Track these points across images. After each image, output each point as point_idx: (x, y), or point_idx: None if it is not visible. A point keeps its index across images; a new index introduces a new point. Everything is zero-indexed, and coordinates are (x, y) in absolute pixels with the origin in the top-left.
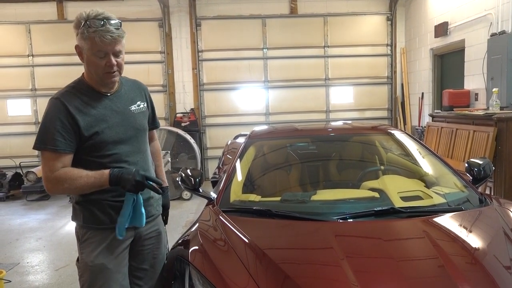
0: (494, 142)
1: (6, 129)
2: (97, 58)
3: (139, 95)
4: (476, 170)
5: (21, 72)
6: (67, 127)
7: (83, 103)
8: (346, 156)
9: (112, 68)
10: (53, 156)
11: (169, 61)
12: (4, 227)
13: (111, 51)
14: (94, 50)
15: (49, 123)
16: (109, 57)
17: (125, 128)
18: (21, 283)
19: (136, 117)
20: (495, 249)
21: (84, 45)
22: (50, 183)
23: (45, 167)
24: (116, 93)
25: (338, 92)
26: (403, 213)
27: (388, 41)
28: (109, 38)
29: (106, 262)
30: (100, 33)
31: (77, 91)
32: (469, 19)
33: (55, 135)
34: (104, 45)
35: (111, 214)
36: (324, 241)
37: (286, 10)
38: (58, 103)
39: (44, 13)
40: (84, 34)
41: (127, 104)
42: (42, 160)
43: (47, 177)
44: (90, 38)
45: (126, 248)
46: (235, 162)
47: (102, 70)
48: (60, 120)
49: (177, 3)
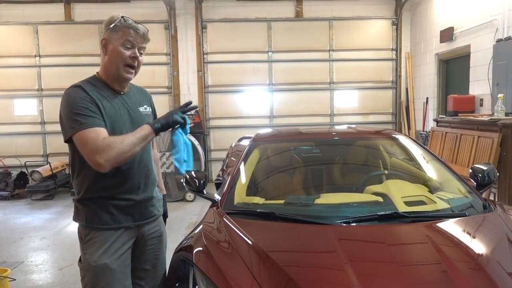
0: (499, 148)
1: (12, 129)
2: (123, 48)
3: (145, 99)
4: (480, 176)
5: (28, 72)
6: (94, 108)
7: (100, 95)
8: (350, 160)
9: (134, 61)
10: (92, 132)
11: (175, 63)
12: (8, 226)
13: (137, 45)
14: (123, 39)
15: (78, 105)
16: (134, 49)
17: (135, 126)
18: (25, 281)
19: (144, 117)
20: (499, 255)
21: (114, 35)
22: (99, 153)
23: (89, 142)
24: (127, 93)
25: (343, 96)
26: (407, 217)
27: (393, 46)
28: (142, 31)
29: (109, 262)
30: (134, 26)
31: (93, 85)
32: (474, 24)
33: (88, 113)
34: (135, 36)
35: (114, 214)
36: (328, 244)
37: (291, 14)
38: (79, 90)
39: (51, 14)
40: (118, 26)
41: (137, 105)
42: (81, 141)
43: (94, 149)
44: (123, 29)
45: (129, 248)
46: (239, 165)
47: (124, 61)
48: (87, 100)
49: (183, 5)
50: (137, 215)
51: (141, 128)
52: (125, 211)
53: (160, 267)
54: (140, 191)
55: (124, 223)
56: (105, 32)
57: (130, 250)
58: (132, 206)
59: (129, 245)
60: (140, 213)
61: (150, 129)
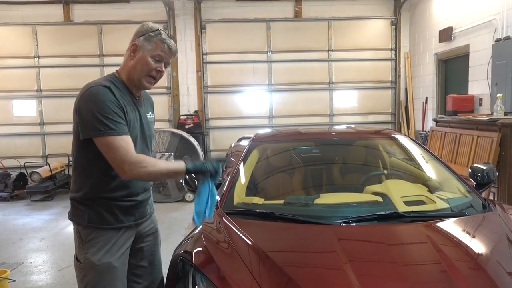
0: (498, 147)
1: (11, 130)
2: (153, 60)
3: (150, 106)
4: (480, 175)
5: (27, 73)
6: (121, 114)
7: (124, 100)
8: (349, 160)
9: (158, 74)
10: (122, 140)
11: (174, 63)
12: (8, 227)
13: (165, 60)
14: (155, 53)
15: (107, 108)
16: (161, 64)
17: (143, 133)
18: (25, 282)
19: (149, 124)
20: (498, 254)
21: (147, 45)
22: (129, 165)
23: (120, 151)
24: (140, 100)
25: (342, 96)
26: (406, 217)
27: (392, 46)
28: (174, 49)
29: (112, 260)
30: (168, 42)
31: (117, 88)
32: (473, 24)
33: (117, 119)
34: (166, 52)
35: (117, 214)
36: (327, 244)
37: (290, 14)
38: (108, 91)
39: (50, 15)
40: (153, 37)
41: (145, 112)
42: (109, 146)
43: (125, 160)
44: (157, 42)
45: (129, 247)
46: (238, 165)
47: (149, 71)
48: (115, 105)
49: (182, 6)
50: (137, 214)
51: (177, 162)
52: (128, 211)
53: (156, 264)
54: (141, 192)
55: (126, 222)
56: (136, 38)
57: (129, 249)
58: (134, 206)
59: (129, 243)
60: (140, 212)
61: (184, 168)
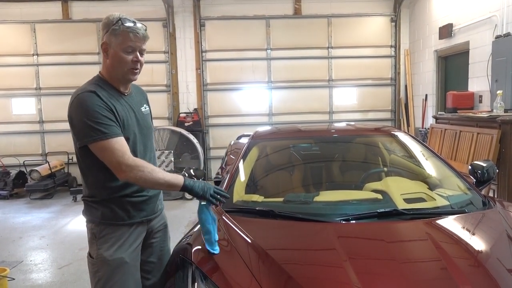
0: (498, 144)
1: (10, 128)
2: (125, 53)
3: (143, 99)
4: (480, 172)
5: (26, 71)
6: (111, 116)
7: (112, 100)
8: (349, 157)
9: (137, 64)
10: (116, 142)
11: (173, 61)
12: (7, 225)
13: (138, 48)
14: (124, 45)
15: (96, 113)
16: (135, 53)
17: (141, 127)
18: (25, 281)
19: (146, 117)
20: (498, 251)
21: (114, 40)
22: (126, 167)
23: (116, 153)
24: (130, 94)
25: (342, 93)
26: (406, 215)
27: (392, 43)
28: (141, 34)
29: (125, 256)
30: (133, 29)
31: (103, 89)
32: (473, 21)
33: (108, 122)
34: (135, 41)
35: (129, 210)
36: (327, 242)
37: (290, 11)
38: (94, 96)
39: (49, 13)
40: (117, 30)
41: (138, 105)
42: (104, 150)
43: (121, 162)
44: (123, 34)
45: (140, 243)
46: (238, 163)
47: (128, 65)
48: (104, 108)
49: (181, 3)
50: (149, 209)
51: (175, 175)
52: (139, 207)
53: (165, 260)
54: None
55: (137, 218)
56: (103, 34)
57: (141, 245)
58: (145, 201)
59: (141, 239)
60: (151, 207)
61: (181, 184)
